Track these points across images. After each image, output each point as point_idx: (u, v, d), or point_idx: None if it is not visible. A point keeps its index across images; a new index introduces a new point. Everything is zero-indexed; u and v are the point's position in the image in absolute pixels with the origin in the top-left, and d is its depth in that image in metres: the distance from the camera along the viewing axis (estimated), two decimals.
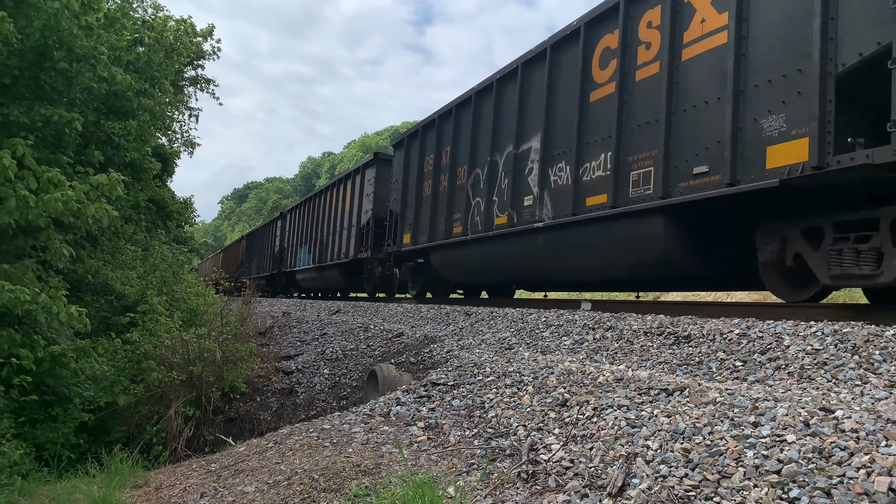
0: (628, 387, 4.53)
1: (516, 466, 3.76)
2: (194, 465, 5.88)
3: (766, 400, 3.65)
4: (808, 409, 3.34)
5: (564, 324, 7.31)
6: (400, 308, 12.03)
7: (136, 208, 16.88)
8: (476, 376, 5.93)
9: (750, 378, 4.60)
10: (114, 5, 11.86)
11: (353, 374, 8.91)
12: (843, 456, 2.80)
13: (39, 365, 7.21)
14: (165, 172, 21.88)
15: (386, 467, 4.25)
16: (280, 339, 12.69)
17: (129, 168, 12.56)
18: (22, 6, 6.89)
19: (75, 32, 7.34)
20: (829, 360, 4.43)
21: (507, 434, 4.52)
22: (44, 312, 5.64)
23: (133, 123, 10.28)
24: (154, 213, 21.53)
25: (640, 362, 5.56)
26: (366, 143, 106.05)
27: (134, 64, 10.30)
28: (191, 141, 24.77)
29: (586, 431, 4.04)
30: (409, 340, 8.96)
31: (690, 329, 5.74)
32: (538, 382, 5.22)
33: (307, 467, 4.53)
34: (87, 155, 10.13)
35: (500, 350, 7.06)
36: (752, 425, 3.30)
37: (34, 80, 7.64)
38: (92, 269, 10.44)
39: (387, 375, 7.07)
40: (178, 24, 20.26)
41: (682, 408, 3.85)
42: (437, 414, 5.33)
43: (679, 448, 3.32)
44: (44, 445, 7.49)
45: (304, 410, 8.47)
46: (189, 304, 13.14)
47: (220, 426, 8.52)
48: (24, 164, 5.76)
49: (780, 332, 5.07)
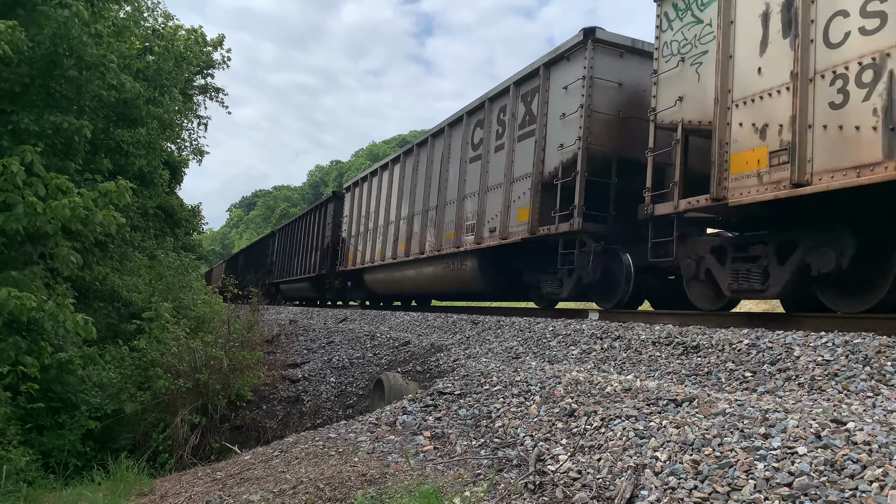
0: (636, 397, 4.48)
1: (523, 477, 3.73)
2: (200, 474, 5.86)
3: (776, 411, 3.61)
4: (820, 421, 3.29)
5: (572, 333, 7.27)
6: (407, 317, 12.01)
7: (145, 216, 16.96)
8: (483, 385, 5.89)
9: (760, 389, 4.55)
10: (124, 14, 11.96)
11: (359, 382, 8.88)
12: (855, 469, 2.75)
13: (46, 372, 7.20)
14: (174, 180, 22.00)
15: (392, 477, 4.22)
16: (287, 346, 12.68)
17: (138, 177, 12.62)
18: (33, 15, 6.95)
19: (85, 40, 7.40)
20: (840, 372, 4.38)
21: (514, 444, 4.48)
22: (50, 320, 5.64)
23: (142, 131, 10.33)
24: (162, 221, 21.59)
25: (648, 372, 5.51)
26: (374, 151, 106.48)
27: (143, 72, 10.38)
28: (199, 149, 24.89)
29: (594, 442, 4.00)
30: (416, 349, 8.93)
31: (699, 339, 5.70)
32: (545, 392, 5.18)
33: (313, 476, 4.50)
34: (96, 163, 10.18)
35: (507, 359, 7.02)
36: (763, 437, 3.26)
37: (44, 88, 7.68)
38: (100, 275, 10.47)
39: (393, 384, 7.04)
40: (188, 33, 20.43)
41: (691, 419, 3.81)
42: (444, 423, 5.30)
43: (688, 459, 3.28)
44: (50, 452, 7.49)
45: (310, 419, 8.44)
46: (196, 311, 13.16)
47: (226, 434, 8.49)
48: (33, 171, 5.78)
49: (790, 342, 5.02)
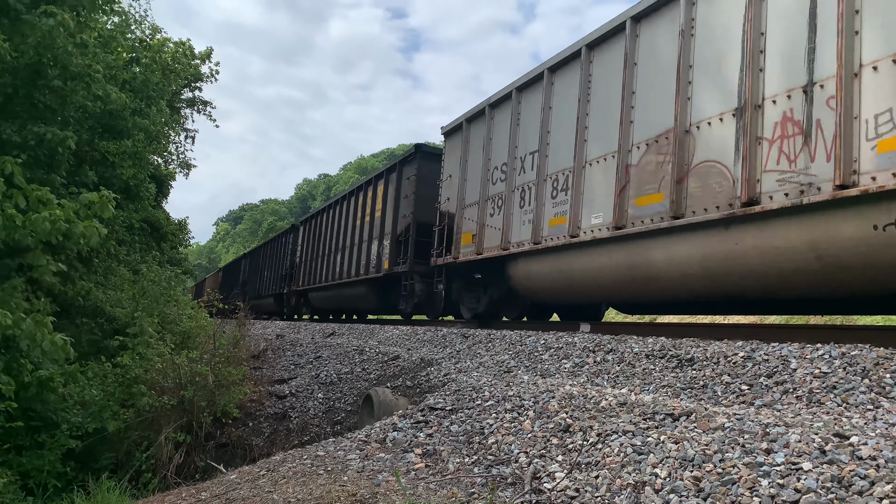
0: (632, 411, 4.39)
1: (519, 496, 3.61)
2: (184, 494, 5.67)
3: (776, 425, 3.53)
4: (822, 436, 3.21)
5: (564, 346, 7.17)
6: (396, 331, 11.86)
7: (131, 229, 16.73)
8: (475, 400, 5.78)
9: (757, 402, 4.47)
10: (111, 25, 11.86)
11: (347, 398, 8.72)
12: (863, 485, 2.67)
13: (26, 389, 6.99)
14: (160, 193, 21.76)
15: (383, 496, 4.08)
16: (273, 362, 12.48)
17: (124, 190, 12.44)
18: (17, 24, 6.83)
19: (70, 50, 7.28)
20: (838, 384, 4.32)
21: (509, 461, 4.37)
22: (27, 339, 5.45)
23: (128, 143, 10.18)
24: (148, 235, 21.32)
25: (642, 386, 5.43)
26: (362, 164, 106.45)
27: (130, 83, 10.25)
28: (186, 162, 24.70)
29: (591, 458, 3.90)
30: (406, 363, 8.79)
31: (693, 352, 5.62)
32: (539, 407, 5.07)
33: (300, 496, 4.35)
34: (81, 175, 10.01)
35: (498, 373, 6.91)
36: (765, 452, 3.17)
37: (28, 98, 7.54)
38: (83, 290, 10.26)
39: (382, 400, 6.90)
40: (176, 46, 20.33)
41: (689, 433, 3.72)
42: (436, 440, 5.17)
43: (689, 476, 3.19)
44: (29, 473, 7.24)
45: (297, 436, 8.26)
46: (182, 326, 12.92)
47: (211, 452, 8.29)
48: (14, 183, 5.63)
49: (787, 354, 4.96)
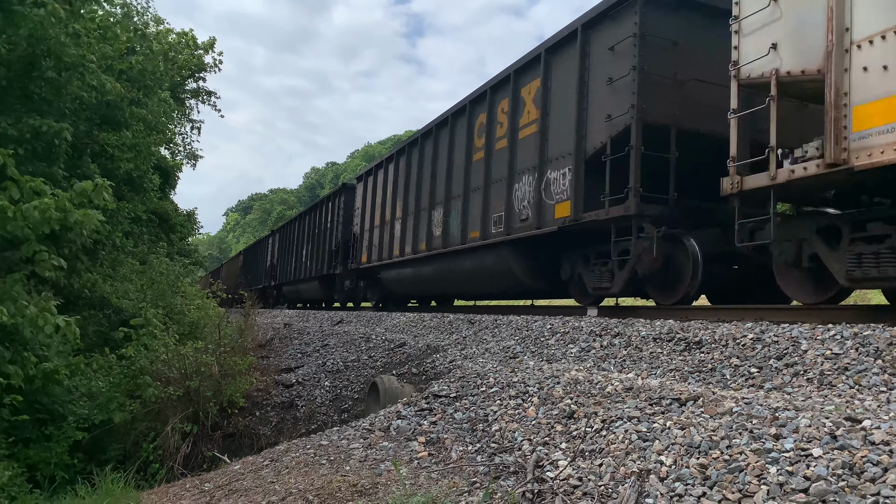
0: (638, 396, 4.29)
1: (521, 485, 3.53)
2: (188, 485, 5.67)
3: (786, 409, 3.41)
4: (833, 420, 3.10)
5: (570, 331, 7.07)
6: (403, 318, 11.81)
7: (137, 221, 16.73)
8: (479, 387, 5.70)
9: (767, 385, 4.36)
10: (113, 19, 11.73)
11: (354, 386, 8.69)
12: (876, 472, 2.56)
13: (32, 382, 6.99)
14: (167, 185, 21.75)
15: (384, 487, 4.02)
16: (280, 350, 12.47)
17: (127, 181, 12.37)
18: (9, 16, 6.73)
19: (63, 40, 7.17)
20: (850, 366, 4.19)
21: (512, 449, 4.29)
22: (30, 326, 5.41)
23: (127, 134, 10.09)
24: (156, 226, 21.37)
25: (649, 370, 5.32)
26: (369, 151, 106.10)
27: (127, 73, 10.14)
28: (193, 153, 24.69)
29: (595, 446, 3.81)
30: (412, 350, 8.73)
31: (702, 334, 5.51)
32: (544, 393, 4.98)
33: (302, 487, 4.31)
34: (82, 167, 9.95)
35: (504, 359, 6.82)
36: (774, 438, 3.06)
37: (23, 90, 7.46)
38: (89, 282, 10.25)
39: (388, 387, 6.85)
40: (179, 36, 20.23)
41: (696, 419, 3.61)
42: (439, 428, 5.10)
43: (695, 464, 3.09)
44: (36, 465, 7.27)
45: (304, 424, 8.24)
46: (189, 316, 12.93)
47: (218, 442, 8.29)
48: (7, 174, 5.56)
49: (797, 335, 4.83)
